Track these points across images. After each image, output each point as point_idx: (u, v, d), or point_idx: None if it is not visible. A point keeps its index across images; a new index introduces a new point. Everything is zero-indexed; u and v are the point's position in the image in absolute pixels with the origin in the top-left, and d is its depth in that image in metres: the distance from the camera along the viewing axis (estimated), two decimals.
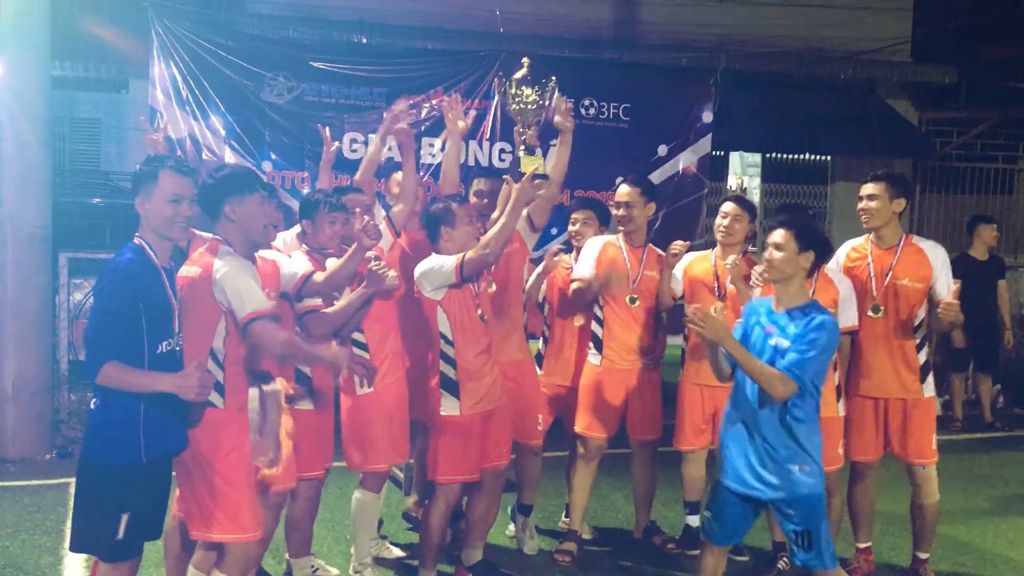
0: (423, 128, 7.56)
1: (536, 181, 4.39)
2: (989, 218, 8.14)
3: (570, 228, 5.37)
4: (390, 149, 7.35)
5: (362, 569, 4.66)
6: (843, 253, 4.87)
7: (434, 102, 7.61)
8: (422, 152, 7.52)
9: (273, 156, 7.38)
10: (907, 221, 12.07)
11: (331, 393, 4.44)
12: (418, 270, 4.40)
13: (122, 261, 3.32)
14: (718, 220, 5.08)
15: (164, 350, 3.35)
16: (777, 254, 3.72)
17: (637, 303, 5.07)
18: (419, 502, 5.21)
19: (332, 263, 4.22)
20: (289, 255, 4.32)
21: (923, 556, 4.77)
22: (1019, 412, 8.73)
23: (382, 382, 4.56)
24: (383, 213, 4.80)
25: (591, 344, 5.15)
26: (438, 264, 4.34)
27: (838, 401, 4.74)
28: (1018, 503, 6.37)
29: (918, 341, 4.69)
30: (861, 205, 4.72)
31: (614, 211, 5.16)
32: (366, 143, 7.38)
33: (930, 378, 4.72)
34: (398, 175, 4.99)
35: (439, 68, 7.78)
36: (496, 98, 7.44)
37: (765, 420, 3.69)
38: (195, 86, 7.17)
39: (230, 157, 7.20)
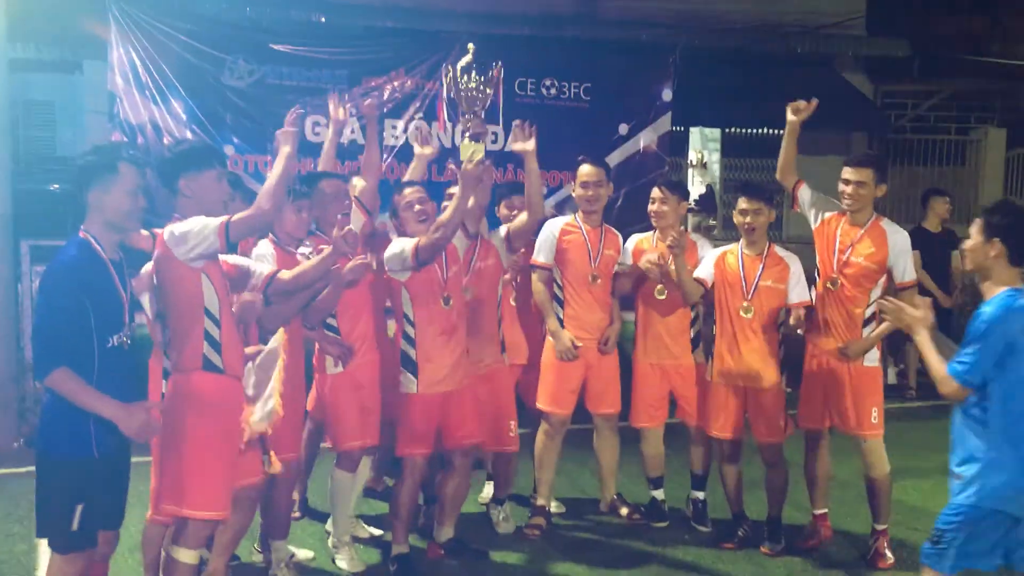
0: (385, 110, 7.58)
1: (480, 164, 4.48)
2: (942, 191, 8.32)
3: (650, 208, 5.34)
4: (353, 132, 7.45)
5: (341, 547, 4.75)
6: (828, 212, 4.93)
7: (396, 84, 7.63)
8: (385, 133, 7.55)
9: (235, 140, 7.39)
10: None
11: (303, 376, 4.50)
12: (385, 254, 4.54)
13: (67, 257, 3.27)
14: (649, 205, 5.26)
15: (114, 343, 3.33)
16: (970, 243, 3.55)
17: (598, 282, 5.18)
18: (376, 477, 5.41)
19: (301, 256, 4.28)
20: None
21: (880, 527, 4.93)
22: None
23: (353, 363, 4.63)
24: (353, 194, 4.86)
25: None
26: (399, 248, 4.49)
27: (780, 370, 4.95)
28: None
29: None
30: (848, 190, 4.74)
31: (580, 191, 5.22)
32: (326, 126, 7.37)
33: (874, 351, 4.84)
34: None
35: (400, 50, 7.81)
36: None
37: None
38: (155, 70, 7.15)
39: None
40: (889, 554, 4.85)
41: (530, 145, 4.78)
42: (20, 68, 10.59)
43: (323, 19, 9.94)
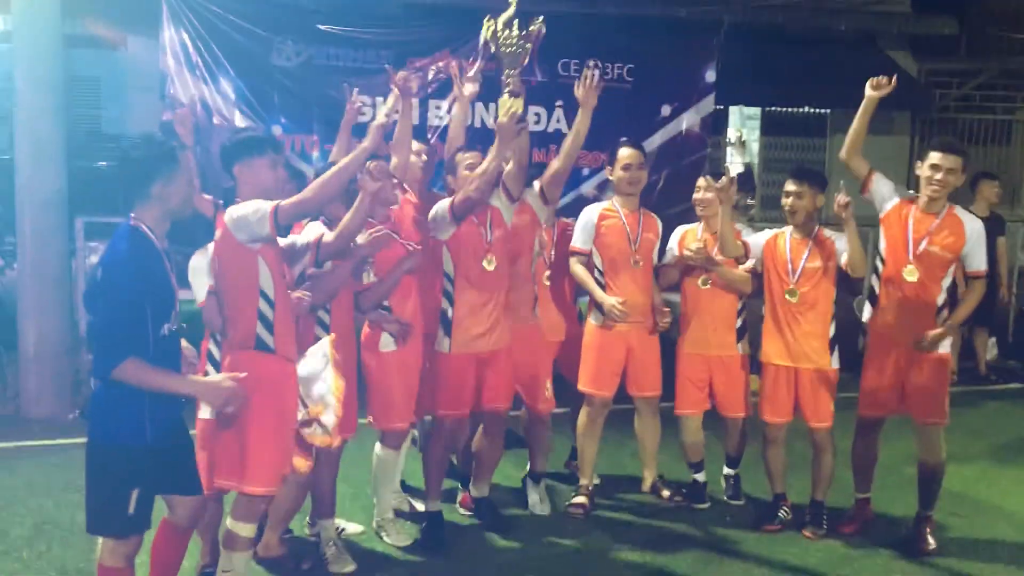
0: (430, 90, 7.65)
1: (517, 123, 4.49)
2: (992, 174, 8.21)
3: (695, 196, 5.38)
4: (397, 112, 7.50)
5: (385, 524, 4.88)
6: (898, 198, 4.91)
7: (440, 64, 7.67)
8: (429, 114, 7.62)
9: (283, 120, 7.49)
10: (905, 173, 12.20)
11: (354, 359, 4.60)
12: (429, 216, 4.70)
13: (125, 249, 3.31)
14: (695, 194, 5.30)
15: (166, 332, 3.38)
16: None
17: (640, 264, 5.23)
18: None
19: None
20: None
21: (926, 513, 4.95)
22: (1013, 364, 8.96)
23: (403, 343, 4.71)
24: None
25: (593, 306, 5.31)
26: (438, 207, 4.62)
27: (831, 353, 4.95)
28: (1011, 454, 6.61)
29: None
30: (937, 176, 4.68)
31: (621, 173, 5.21)
32: (374, 106, 7.47)
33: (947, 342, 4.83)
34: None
35: (445, 30, 7.84)
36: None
37: None
38: (204, 50, 7.26)
39: (240, 121, 7.31)
40: (932, 540, 4.88)
41: (592, 100, 4.77)
42: (66, 44, 10.77)
43: None
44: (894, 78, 4.81)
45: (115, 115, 11.55)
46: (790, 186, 4.93)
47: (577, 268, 5.27)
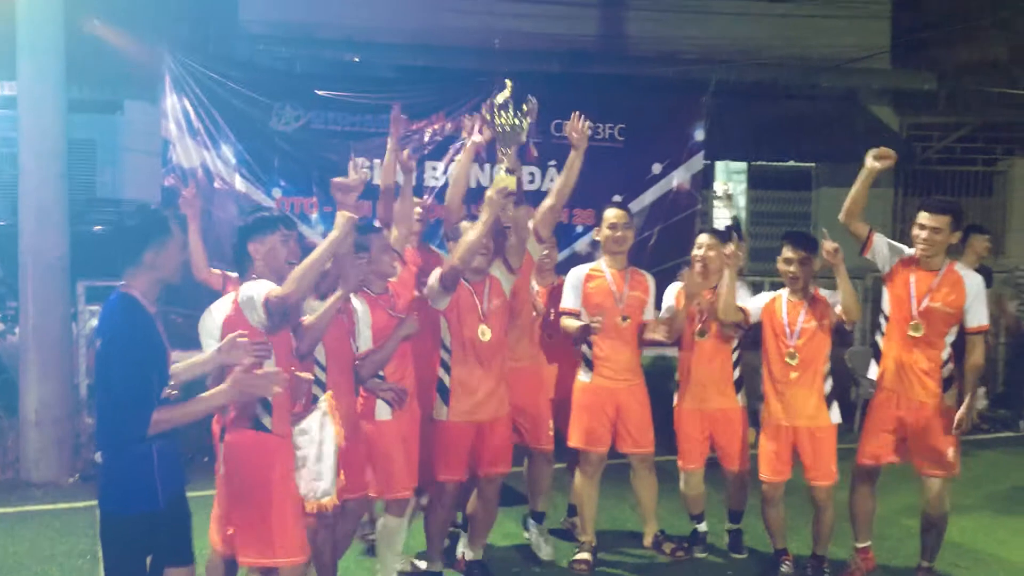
0: (426, 152, 7.80)
1: (504, 196, 4.60)
2: (983, 229, 8.37)
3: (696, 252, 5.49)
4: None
5: None
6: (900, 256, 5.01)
7: (436, 127, 7.85)
8: (426, 175, 7.77)
9: (282, 183, 7.62)
10: (889, 226, 12.43)
11: (356, 416, 4.63)
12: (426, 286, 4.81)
13: (120, 318, 3.38)
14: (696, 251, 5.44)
15: (167, 396, 3.42)
16: None
17: (627, 322, 5.32)
18: None
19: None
20: None
21: (926, 565, 5.03)
22: (1004, 414, 9.07)
23: (400, 411, 4.73)
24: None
25: (582, 362, 5.40)
26: (431, 278, 4.75)
27: (829, 409, 5.04)
28: (1007, 504, 6.69)
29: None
30: (923, 235, 4.81)
31: (608, 232, 5.34)
32: (372, 168, 7.60)
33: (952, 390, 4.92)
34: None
35: (441, 93, 8.03)
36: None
37: None
38: (206, 116, 7.41)
39: (241, 185, 7.44)
40: None
41: (583, 142, 4.96)
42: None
43: (356, 59, 10.32)
44: (893, 153, 4.89)
45: (110, 179, 11.72)
46: (789, 253, 5.02)
47: (567, 322, 5.32)
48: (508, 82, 4.88)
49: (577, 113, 5.01)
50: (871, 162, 4.86)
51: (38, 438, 6.84)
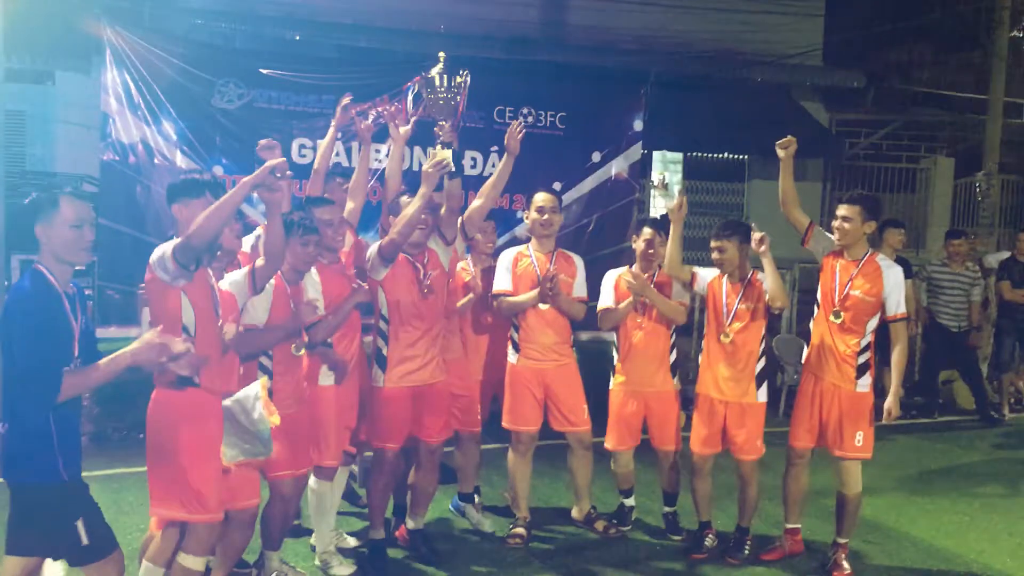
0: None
1: (440, 169, 4.73)
2: (897, 222, 8.73)
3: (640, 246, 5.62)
4: (338, 154, 7.72)
5: (328, 556, 5.00)
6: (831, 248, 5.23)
7: (379, 109, 7.88)
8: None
9: (224, 161, 7.59)
10: (817, 218, 12.83)
11: (301, 389, 4.70)
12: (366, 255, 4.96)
13: (22, 289, 3.39)
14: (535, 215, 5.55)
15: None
16: None
17: (547, 306, 5.46)
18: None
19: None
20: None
21: (841, 541, 5.28)
22: (919, 400, 9.48)
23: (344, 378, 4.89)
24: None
25: (509, 344, 5.57)
26: (371, 250, 4.91)
27: (758, 388, 5.27)
28: (919, 485, 7.04)
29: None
30: (835, 224, 5.12)
31: (535, 215, 5.49)
32: (314, 148, 7.64)
33: (867, 378, 5.15)
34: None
35: (385, 76, 8.03)
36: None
37: None
38: (147, 92, 7.34)
39: (181, 162, 7.39)
40: (847, 565, 5.20)
41: (516, 148, 5.15)
42: None
43: (297, 37, 10.28)
44: (792, 139, 5.13)
45: (40, 152, 11.46)
46: (714, 242, 5.25)
47: (518, 298, 5.45)
48: (441, 55, 4.95)
49: (518, 122, 5.22)
50: (780, 153, 5.15)
51: None
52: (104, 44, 7.33)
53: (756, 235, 5.09)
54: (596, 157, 8.68)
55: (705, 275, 5.39)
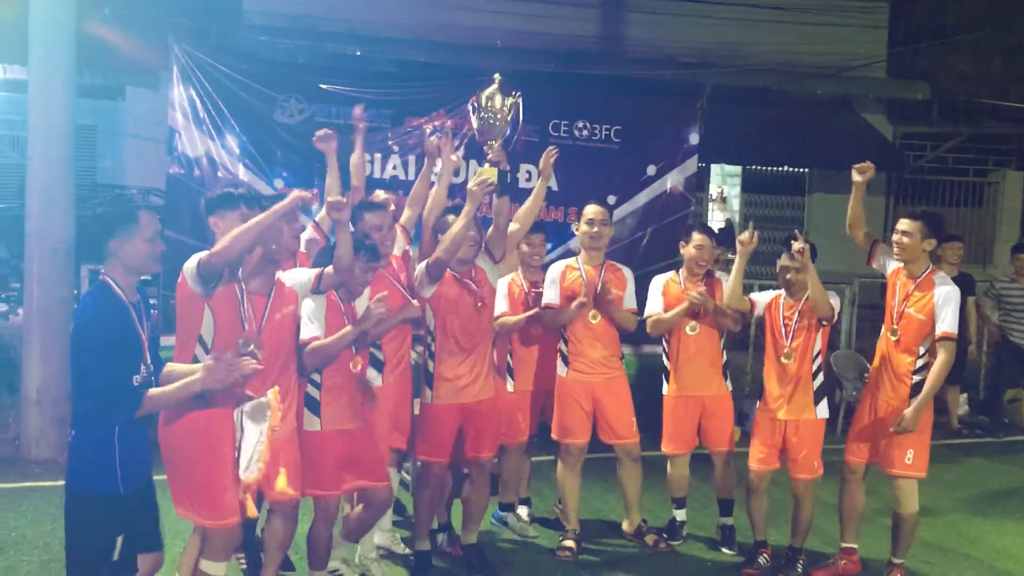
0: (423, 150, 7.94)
1: (485, 188, 4.77)
2: (955, 236, 8.54)
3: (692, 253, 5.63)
4: (395, 167, 7.88)
5: (369, 563, 5.05)
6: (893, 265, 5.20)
7: (437, 123, 8.00)
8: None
9: (284, 174, 7.75)
10: (880, 233, 12.61)
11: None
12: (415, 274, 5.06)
13: (90, 305, 3.46)
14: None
15: (137, 383, 3.46)
16: None
17: (598, 319, 5.49)
18: None
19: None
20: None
21: (897, 561, 5.21)
22: (984, 420, 9.25)
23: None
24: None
25: (559, 358, 5.59)
26: (418, 267, 4.99)
27: (816, 405, 5.21)
28: (980, 506, 6.87)
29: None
30: (894, 238, 5.07)
31: (586, 228, 5.51)
32: (371, 162, 7.78)
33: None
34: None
35: (442, 91, 8.16)
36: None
37: None
38: (212, 107, 7.54)
39: (244, 175, 7.57)
40: None
41: (550, 171, 5.38)
42: None
43: (358, 52, 10.47)
44: (871, 168, 5.10)
45: (111, 165, 11.84)
46: (787, 261, 5.19)
47: (560, 313, 5.45)
48: (496, 76, 5.01)
49: (552, 148, 5.31)
50: (855, 176, 5.11)
51: (38, 417, 6.99)
52: (172, 61, 7.54)
53: (797, 246, 5.02)
54: (651, 170, 8.66)
55: (761, 299, 5.40)
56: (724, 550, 5.66)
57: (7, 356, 7.78)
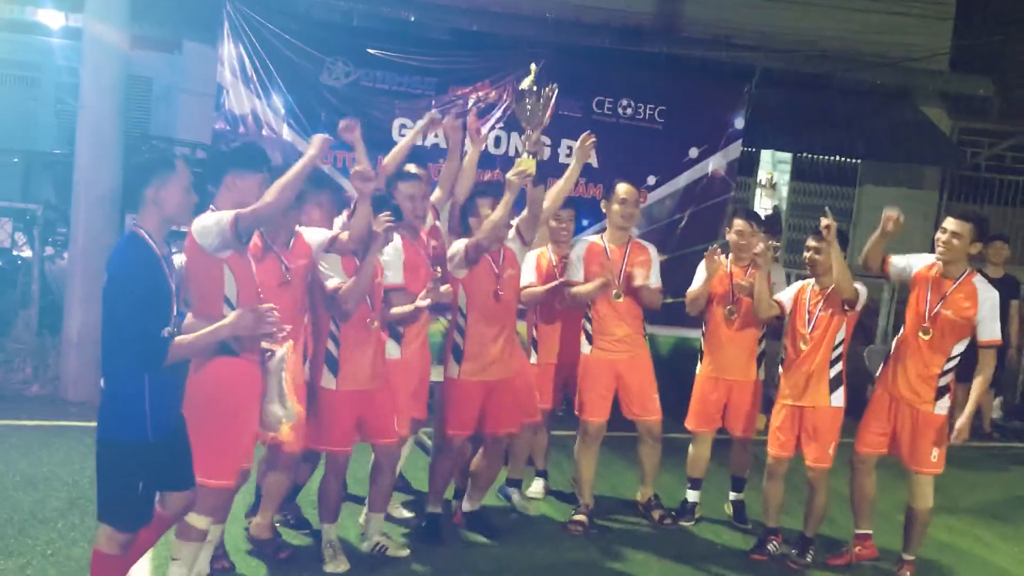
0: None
1: (524, 178, 4.83)
2: (1001, 235, 8.37)
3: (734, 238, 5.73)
4: (436, 136, 7.90)
5: (383, 540, 5.03)
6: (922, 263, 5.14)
7: (480, 93, 8.03)
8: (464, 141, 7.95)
9: (328, 136, 7.82)
10: (931, 229, 12.38)
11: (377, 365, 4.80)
12: (448, 254, 5.07)
13: (125, 255, 3.48)
14: (735, 238, 5.61)
15: (166, 335, 3.51)
16: None
17: (621, 298, 5.51)
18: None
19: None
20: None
21: (907, 557, 5.20)
22: (1018, 425, 9.11)
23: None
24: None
25: (583, 335, 5.62)
26: (455, 249, 4.99)
27: (831, 393, 5.17)
28: (1003, 510, 6.79)
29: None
30: (943, 238, 4.94)
31: (618, 207, 5.51)
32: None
33: (945, 400, 5.04)
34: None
35: (487, 61, 8.20)
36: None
37: None
38: (260, 66, 7.65)
39: (287, 135, 7.69)
40: None
41: (585, 156, 5.36)
42: None
43: (412, 18, 10.47)
44: (900, 217, 4.93)
45: (163, 118, 12.01)
46: (813, 241, 5.17)
47: (582, 288, 5.45)
48: (533, 66, 5.04)
49: (588, 134, 5.29)
50: (888, 225, 4.93)
51: (78, 358, 7.20)
52: (223, 17, 7.64)
53: (824, 221, 4.97)
54: (693, 153, 8.61)
55: (787, 295, 5.37)
56: (737, 524, 5.75)
57: (52, 298, 8.00)
